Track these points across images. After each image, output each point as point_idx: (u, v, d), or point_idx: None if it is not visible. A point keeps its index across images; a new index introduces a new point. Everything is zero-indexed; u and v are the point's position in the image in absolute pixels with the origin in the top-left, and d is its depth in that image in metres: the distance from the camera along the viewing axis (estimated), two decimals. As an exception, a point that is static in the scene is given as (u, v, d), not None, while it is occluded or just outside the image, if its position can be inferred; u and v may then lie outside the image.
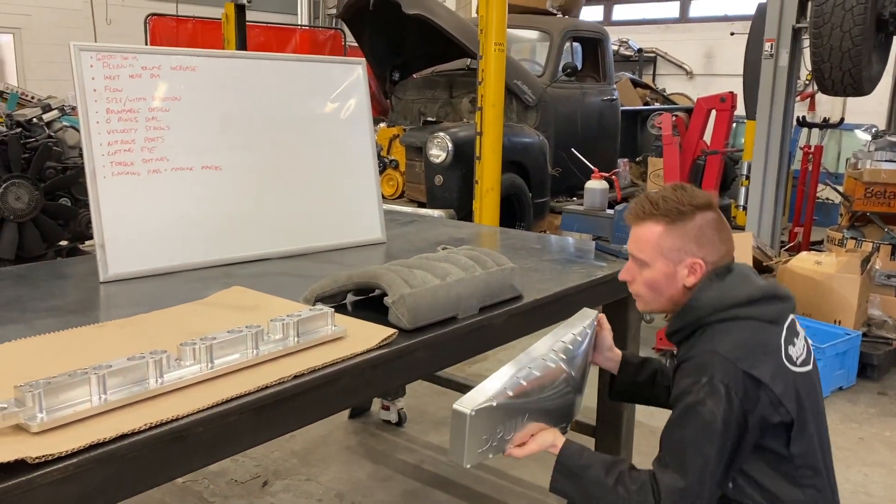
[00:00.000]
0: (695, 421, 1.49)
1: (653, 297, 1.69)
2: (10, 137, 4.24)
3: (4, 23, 10.61)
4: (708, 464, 1.48)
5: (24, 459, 1.06)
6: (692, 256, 1.62)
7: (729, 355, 1.51)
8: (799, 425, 1.54)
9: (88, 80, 2.03)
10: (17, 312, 1.78)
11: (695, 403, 1.50)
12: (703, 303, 1.61)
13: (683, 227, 1.62)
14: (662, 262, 1.64)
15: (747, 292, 1.61)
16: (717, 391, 1.48)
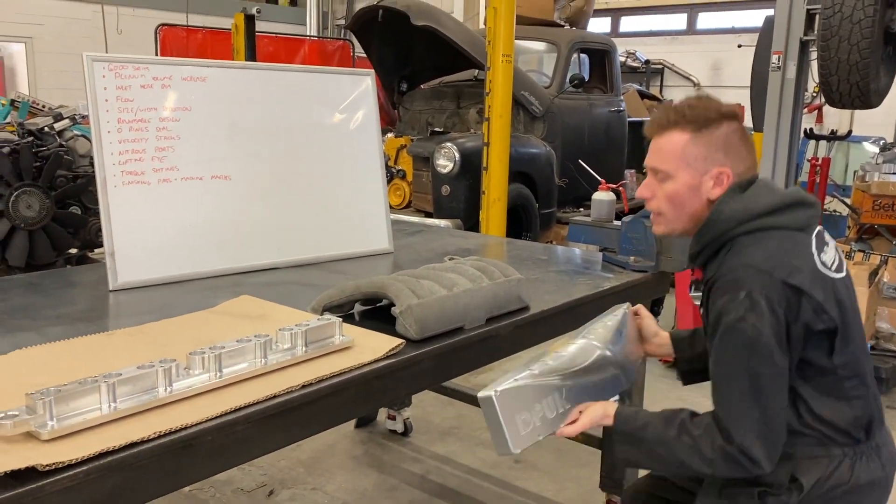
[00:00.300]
0: (738, 340, 1.42)
1: (674, 213, 1.59)
2: (23, 146, 4.28)
3: (17, 32, 10.72)
4: (763, 383, 1.41)
5: (35, 467, 1.07)
6: (719, 166, 1.54)
7: (764, 266, 1.44)
8: (843, 332, 1.48)
9: (101, 90, 2.05)
10: (29, 320, 1.80)
11: (735, 322, 1.42)
12: (726, 215, 1.53)
13: (710, 135, 1.54)
14: (688, 172, 1.55)
15: (772, 200, 1.53)
16: (758, 305, 1.40)
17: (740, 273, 1.45)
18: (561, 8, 6.71)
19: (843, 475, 1.50)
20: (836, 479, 1.50)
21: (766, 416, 1.42)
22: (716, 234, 1.54)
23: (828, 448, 1.51)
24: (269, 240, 2.36)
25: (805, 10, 5.22)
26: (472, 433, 3.49)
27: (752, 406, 1.42)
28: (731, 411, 1.43)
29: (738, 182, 1.55)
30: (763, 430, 1.42)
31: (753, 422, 1.42)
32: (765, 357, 1.41)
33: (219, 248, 2.25)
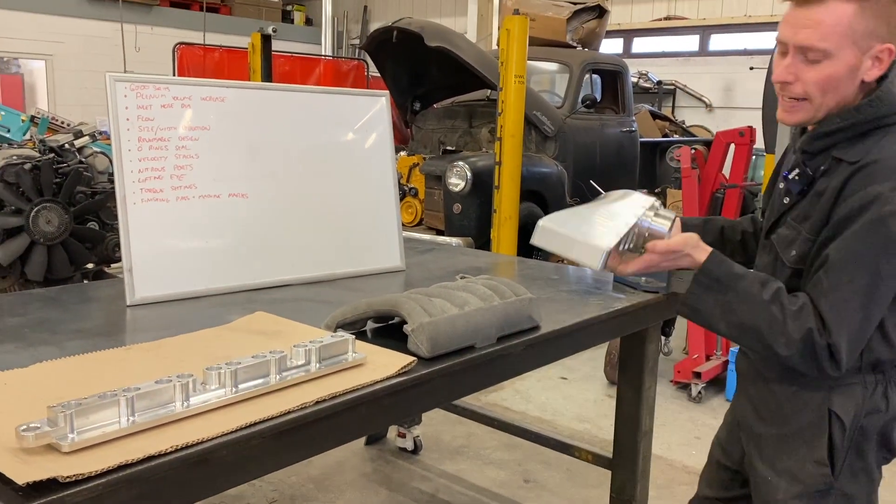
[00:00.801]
0: (882, 234, 1.28)
1: (823, 99, 1.39)
2: (44, 163, 4.36)
3: (38, 49, 10.91)
4: (881, 290, 1.30)
5: (56, 478, 1.10)
6: (882, 42, 1.34)
7: None
8: None
9: (122, 109, 2.10)
10: (48, 334, 1.83)
11: (886, 216, 1.28)
12: (894, 98, 1.36)
13: (878, 3, 1.32)
14: (851, 51, 1.34)
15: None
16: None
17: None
18: (573, 29, 6.77)
19: (878, 403, 1.44)
20: (873, 406, 1.43)
21: (867, 324, 1.32)
22: (877, 115, 1.37)
23: (863, 374, 1.43)
24: (283, 257, 2.39)
25: None
26: (481, 452, 3.49)
27: (862, 308, 1.31)
28: (838, 305, 1.31)
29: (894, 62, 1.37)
30: (858, 336, 1.32)
31: (855, 324, 1.31)
32: (894, 263, 1.29)
33: (234, 265, 2.29)
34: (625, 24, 11.08)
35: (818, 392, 1.43)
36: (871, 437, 1.45)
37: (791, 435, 1.45)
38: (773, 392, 1.48)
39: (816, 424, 1.43)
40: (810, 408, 1.44)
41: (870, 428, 1.44)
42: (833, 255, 1.34)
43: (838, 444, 1.42)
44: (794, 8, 1.38)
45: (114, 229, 4.85)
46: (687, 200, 4.38)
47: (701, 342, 4.37)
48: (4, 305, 2.18)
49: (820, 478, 1.43)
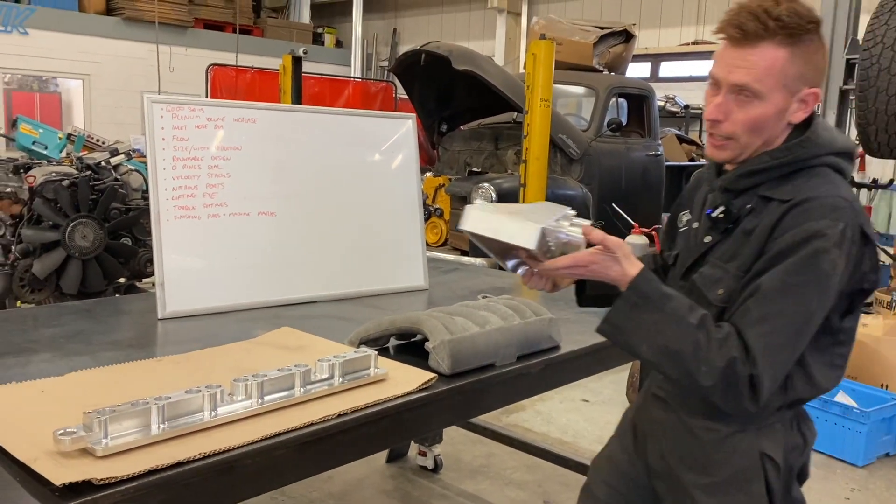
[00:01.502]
0: (814, 270, 1.27)
1: (750, 139, 1.38)
2: (81, 179, 4.50)
3: (76, 69, 11.22)
4: (810, 321, 1.29)
5: (91, 480, 1.15)
6: (809, 86, 1.35)
7: (855, 206, 1.31)
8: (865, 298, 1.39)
9: (158, 129, 2.18)
10: (83, 345, 1.90)
11: (822, 251, 1.27)
12: (823, 139, 1.37)
13: (807, 50, 1.33)
14: (781, 94, 1.34)
15: (844, 141, 1.42)
16: (845, 241, 1.28)
17: (839, 203, 1.30)
18: (600, 54, 6.82)
19: (797, 438, 1.45)
20: (797, 444, 1.45)
21: (791, 358, 1.30)
22: (805, 156, 1.37)
23: (780, 413, 1.42)
24: (309, 274, 2.45)
25: (844, 59, 5.26)
26: (502, 472, 3.50)
27: (789, 342, 1.29)
28: (766, 336, 1.27)
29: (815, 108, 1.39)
30: (781, 370, 1.30)
31: (781, 358, 1.28)
32: (824, 299, 1.29)
33: (261, 282, 2.35)
34: (652, 49, 11.12)
35: (746, 435, 1.41)
36: (794, 474, 1.47)
37: (724, 482, 1.42)
38: (699, 440, 1.45)
39: (751, 469, 1.40)
40: (741, 453, 1.41)
41: (794, 465, 1.46)
42: (765, 286, 1.31)
43: (774, 485, 1.41)
44: (729, 48, 1.37)
45: (146, 245, 4.98)
46: (711, 225, 4.38)
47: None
48: (42, 317, 2.27)
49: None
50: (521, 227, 1.36)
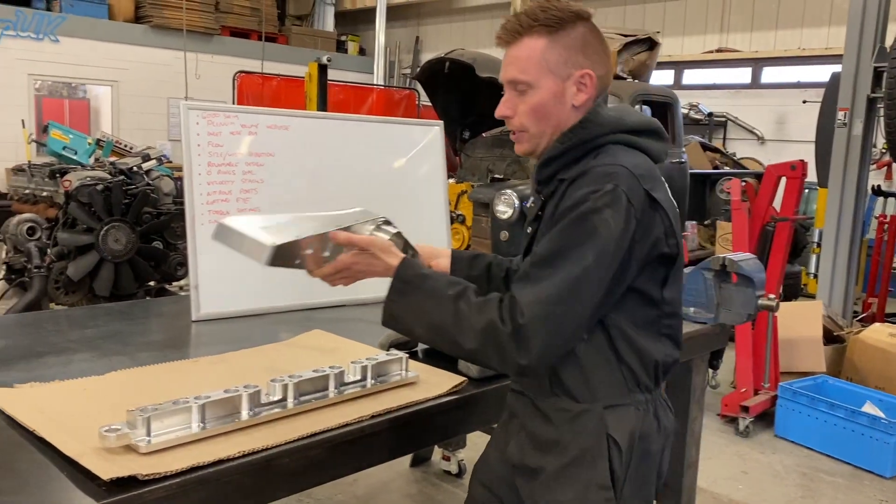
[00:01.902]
0: (584, 228, 1.31)
1: (539, 127, 1.46)
2: (114, 184, 4.60)
3: (105, 76, 11.40)
4: (586, 283, 1.30)
5: (136, 476, 1.19)
6: (581, 68, 1.43)
7: (634, 171, 1.36)
8: (678, 265, 1.43)
9: (194, 135, 2.23)
10: (121, 345, 1.95)
11: (590, 212, 1.32)
12: (603, 118, 1.44)
13: (568, 37, 1.43)
14: (550, 79, 1.43)
15: (639, 120, 1.48)
16: (619, 201, 1.31)
17: (612, 169, 1.36)
18: (624, 61, 6.82)
19: (651, 424, 1.45)
20: (648, 429, 1.44)
21: (569, 315, 1.30)
22: (588, 136, 1.44)
23: (633, 394, 1.43)
24: (338, 279, 2.48)
25: (872, 67, 5.22)
26: (525, 478, 3.51)
27: (563, 299, 1.30)
28: (539, 293, 1.30)
29: (602, 87, 1.47)
30: (557, 326, 1.30)
31: (556, 314, 1.29)
32: (602, 256, 1.30)
33: (292, 285, 2.38)
34: (675, 56, 11.08)
35: (593, 415, 1.42)
36: (649, 460, 1.46)
37: (572, 462, 1.42)
38: (549, 421, 1.46)
39: (596, 449, 1.41)
40: (588, 433, 1.42)
41: (648, 451, 1.45)
42: (539, 250, 1.36)
43: (617, 468, 1.41)
44: (504, 49, 1.48)
45: (176, 249, 5.07)
46: (737, 233, 4.36)
47: (749, 376, 4.33)
48: (79, 318, 2.32)
49: (604, 502, 1.41)
50: (257, 243, 1.42)
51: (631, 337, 1.41)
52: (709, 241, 7.16)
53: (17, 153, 9.89)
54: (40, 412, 1.43)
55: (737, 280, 2.45)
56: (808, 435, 4.05)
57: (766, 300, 2.41)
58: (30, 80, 10.77)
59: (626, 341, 1.41)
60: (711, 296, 2.47)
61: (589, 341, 1.41)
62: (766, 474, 3.75)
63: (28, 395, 1.53)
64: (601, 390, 1.42)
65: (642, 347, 1.42)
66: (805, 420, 4.05)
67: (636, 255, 1.35)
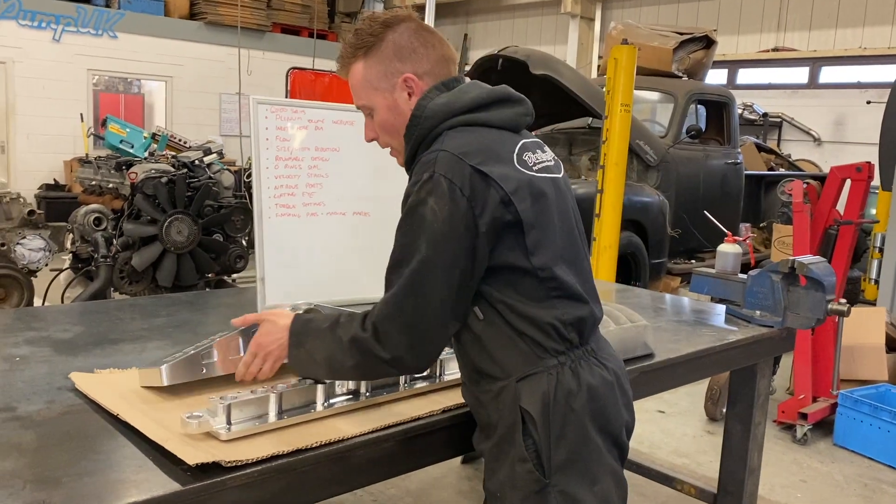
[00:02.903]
0: (413, 222, 1.34)
1: (397, 139, 1.52)
2: (178, 177, 4.70)
3: (159, 72, 11.65)
4: (426, 267, 1.32)
5: (220, 462, 1.21)
6: (400, 74, 1.47)
7: (456, 151, 1.37)
8: (538, 228, 1.40)
9: (263, 129, 2.26)
10: (190, 334, 1.99)
11: (415, 204, 1.35)
12: (429, 111, 1.45)
13: (379, 51, 1.47)
14: (379, 96, 1.49)
15: (475, 95, 1.47)
16: (440, 186, 1.33)
17: (430, 157, 1.38)
18: (679, 59, 6.72)
19: (569, 383, 1.41)
20: (565, 389, 1.40)
21: (421, 308, 1.33)
22: (422, 133, 1.46)
23: (543, 360, 1.40)
24: (399, 274, 2.50)
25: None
26: (577, 479, 3.48)
27: (410, 293, 1.33)
28: (388, 294, 1.35)
29: (438, 82, 1.49)
30: (411, 320, 1.33)
31: (403, 307, 1.33)
32: (437, 243, 1.32)
33: (354, 279, 2.40)
34: (730, 55, 10.87)
35: (508, 389, 1.41)
36: (573, 419, 1.40)
37: (500, 441, 1.42)
38: (483, 405, 1.46)
39: (513, 423, 1.40)
40: (507, 408, 1.41)
41: (570, 409, 1.40)
42: (390, 258, 1.40)
43: (538, 439, 1.38)
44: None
45: (236, 241, 5.15)
46: (798, 236, 4.26)
47: (808, 382, 4.22)
48: (147, 307, 2.37)
49: (530, 477, 1.38)
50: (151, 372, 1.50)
51: (518, 309, 1.40)
52: (763, 244, 7.01)
53: (75, 146, 10.17)
54: (122, 397, 1.46)
55: (806, 283, 2.38)
56: (869, 444, 3.93)
57: (838, 305, 2.34)
58: (88, 75, 11.06)
59: (516, 314, 1.40)
60: (779, 299, 2.41)
61: (485, 321, 1.41)
62: (826, 484, 3.65)
63: (109, 380, 1.57)
64: (510, 364, 1.41)
65: (534, 315, 1.40)
66: (866, 429, 3.93)
67: (483, 229, 1.34)
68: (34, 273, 4.76)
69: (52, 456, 1.24)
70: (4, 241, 4.51)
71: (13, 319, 2.15)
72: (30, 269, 4.66)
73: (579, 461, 1.40)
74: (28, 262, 4.61)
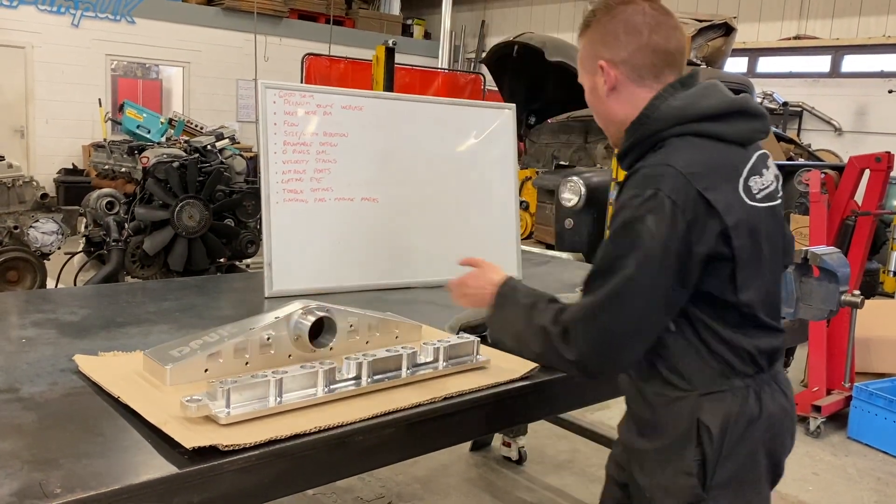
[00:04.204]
0: (627, 238, 1.31)
1: (601, 122, 1.53)
2: (189, 162, 4.72)
3: (177, 57, 11.69)
4: (629, 287, 1.29)
5: (217, 446, 1.20)
6: (600, 58, 1.44)
7: (684, 170, 1.31)
8: (751, 267, 1.36)
9: (271, 114, 2.25)
10: (197, 318, 1.99)
11: (633, 220, 1.30)
12: (661, 112, 1.39)
13: (594, 31, 1.46)
14: (586, 76, 1.49)
15: (713, 104, 1.39)
16: (662, 207, 1.28)
17: (657, 171, 1.33)
18: (698, 47, 6.63)
19: (752, 409, 1.40)
20: (748, 414, 1.39)
21: (615, 324, 1.32)
22: (647, 133, 1.40)
23: (730, 380, 1.39)
24: (407, 260, 2.49)
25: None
26: (586, 468, 3.47)
27: (607, 306, 1.31)
28: (586, 299, 1.34)
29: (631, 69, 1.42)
30: (602, 332, 1.32)
31: (596, 320, 1.32)
32: (647, 264, 1.29)
33: (362, 265, 2.40)
34: (750, 43, 10.72)
35: (688, 401, 1.40)
36: (748, 445, 1.40)
37: (665, 448, 1.42)
38: (650, 406, 1.45)
39: (686, 435, 1.39)
40: (682, 418, 1.40)
41: (747, 436, 1.40)
42: (595, 264, 1.38)
43: (708, 454, 1.37)
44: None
45: (247, 227, 5.17)
46: (815, 226, 4.20)
47: (822, 375, 4.18)
48: (156, 290, 2.38)
49: (689, 490, 1.38)
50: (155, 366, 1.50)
51: (716, 330, 1.38)
52: (780, 235, 6.93)
53: (93, 131, 10.25)
54: (124, 380, 1.47)
55: (819, 274, 2.34)
56: (883, 438, 3.89)
57: (851, 296, 2.30)
58: (107, 61, 11.12)
59: (712, 333, 1.38)
60: (791, 290, 2.37)
61: (678, 333, 1.39)
62: (838, 477, 3.62)
63: (112, 363, 1.57)
64: (695, 378, 1.40)
65: (731, 339, 1.39)
66: (881, 423, 3.89)
67: (696, 259, 1.31)
68: (47, 256, 4.81)
69: (52, 437, 1.24)
70: (17, 225, 4.56)
71: (22, 301, 2.17)
72: (42, 253, 4.71)
73: (740, 483, 1.41)
74: (41, 246, 4.66)
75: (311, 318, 1.59)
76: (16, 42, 10.25)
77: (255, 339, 1.54)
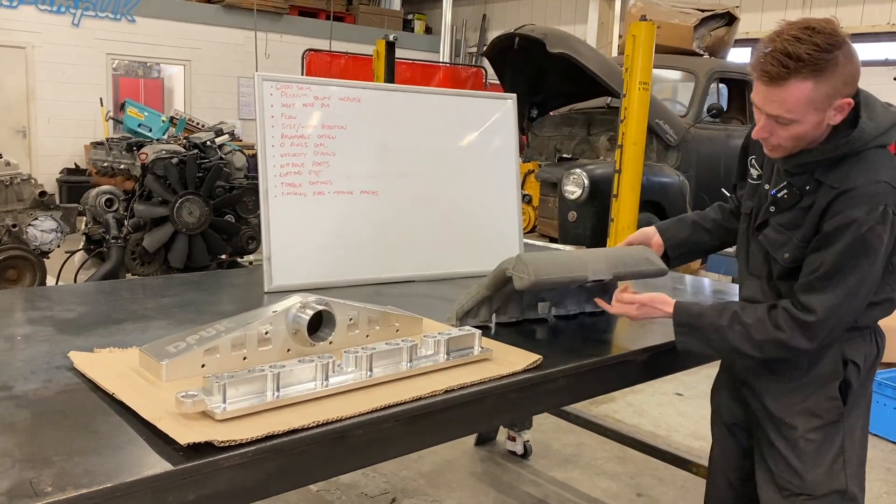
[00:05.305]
0: (862, 246, 1.57)
1: (795, 144, 1.63)
2: (189, 158, 4.69)
3: (178, 55, 11.66)
4: (862, 285, 1.60)
5: (212, 442, 1.18)
6: (842, 97, 1.56)
7: (894, 183, 1.59)
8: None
9: (268, 107, 2.22)
10: (195, 314, 1.97)
11: (866, 232, 1.56)
12: (867, 133, 1.60)
13: (832, 73, 1.52)
14: (813, 115, 1.57)
15: (891, 117, 1.64)
16: (887, 218, 1.57)
17: (879, 189, 1.58)
18: (701, 37, 6.58)
19: (873, 347, 1.78)
20: (874, 350, 1.77)
21: (848, 315, 1.63)
22: (852, 150, 1.61)
23: (861, 331, 1.74)
24: (407, 254, 2.46)
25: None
26: (592, 462, 3.45)
27: (845, 304, 1.60)
28: (824, 297, 1.60)
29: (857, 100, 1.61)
30: (838, 322, 1.63)
31: (839, 316, 1.61)
32: (874, 263, 1.59)
33: (361, 259, 2.37)
34: (753, 33, 10.64)
35: (833, 347, 1.72)
36: (871, 376, 1.81)
37: (808, 383, 1.75)
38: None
39: (832, 372, 1.74)
40: (827, 359, 1.73)
41: (872, 369, 1.80)
42: (825, 268, 1.61)
43: (853, 382, 1.74)
44: (762, 85, 1.57)
45: (248, 223, 5.15)
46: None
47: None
48: (155, 287, 2.36)
49: (834, 410, 1.74)
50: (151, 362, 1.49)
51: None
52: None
53: (95, 130, 10.24)
54: (119, 376, 1.44)
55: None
56: (893, 429, 3.85)
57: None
58: (108, 60, 11.10)
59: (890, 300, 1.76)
60: (798, 278, 2.35)
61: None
62: (847, 468, 3.57)
63: (107, 359, 1.55)
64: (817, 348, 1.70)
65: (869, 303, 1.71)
66: (891, 413, 3.85)
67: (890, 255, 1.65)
68: (46, 254, 4.79)
69: (45, 435, 1.22)
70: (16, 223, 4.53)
71: (20, 299, 2.15)
72: (42, 251, 4.69)
73: (864, 399, 1.81)
74: (40, 244, 4.64)
75: (310, 311, 1.56)
76: (16, 42, 10.24)
77: (253, 333, 1.52)
